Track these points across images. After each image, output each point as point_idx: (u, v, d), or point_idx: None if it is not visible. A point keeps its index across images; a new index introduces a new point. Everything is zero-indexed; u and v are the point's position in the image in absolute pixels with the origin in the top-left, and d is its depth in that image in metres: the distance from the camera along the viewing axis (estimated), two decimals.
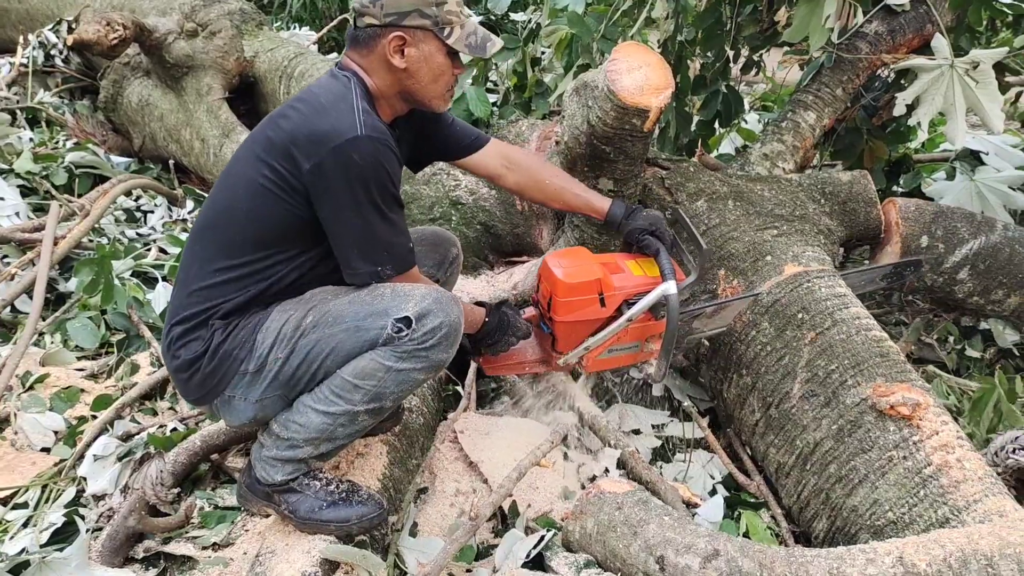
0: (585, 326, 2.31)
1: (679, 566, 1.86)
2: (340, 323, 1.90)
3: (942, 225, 3.15)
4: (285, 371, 1.93)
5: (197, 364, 1.96)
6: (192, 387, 2.00)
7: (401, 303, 1.89)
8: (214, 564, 2.20)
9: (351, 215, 1.89)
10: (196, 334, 1.97)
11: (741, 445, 2.79)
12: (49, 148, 4.93)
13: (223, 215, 2.01)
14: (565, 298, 2.25)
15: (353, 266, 1.96)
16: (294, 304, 1.98)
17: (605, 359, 2.39)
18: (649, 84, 2.51)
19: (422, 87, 2.07)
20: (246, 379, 1.96)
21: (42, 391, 3.01)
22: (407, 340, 1.87)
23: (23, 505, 2.49)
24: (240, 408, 2.00)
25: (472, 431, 2.73)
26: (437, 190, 3.77)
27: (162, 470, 2.38)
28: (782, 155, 3.52)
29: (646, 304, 2.26)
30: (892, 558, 1.76)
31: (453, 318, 1.92)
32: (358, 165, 1.85)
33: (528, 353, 2.45)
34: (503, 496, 2.20)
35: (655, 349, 2.44)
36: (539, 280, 2.37)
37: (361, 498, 2.08)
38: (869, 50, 3.49)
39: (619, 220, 2.44)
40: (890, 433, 2.23)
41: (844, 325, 2.51)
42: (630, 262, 2.40)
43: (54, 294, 3.64)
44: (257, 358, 1.93)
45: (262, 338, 1.94)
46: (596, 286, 2.27)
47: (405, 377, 1.92)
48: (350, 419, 1.96)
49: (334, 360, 1.92)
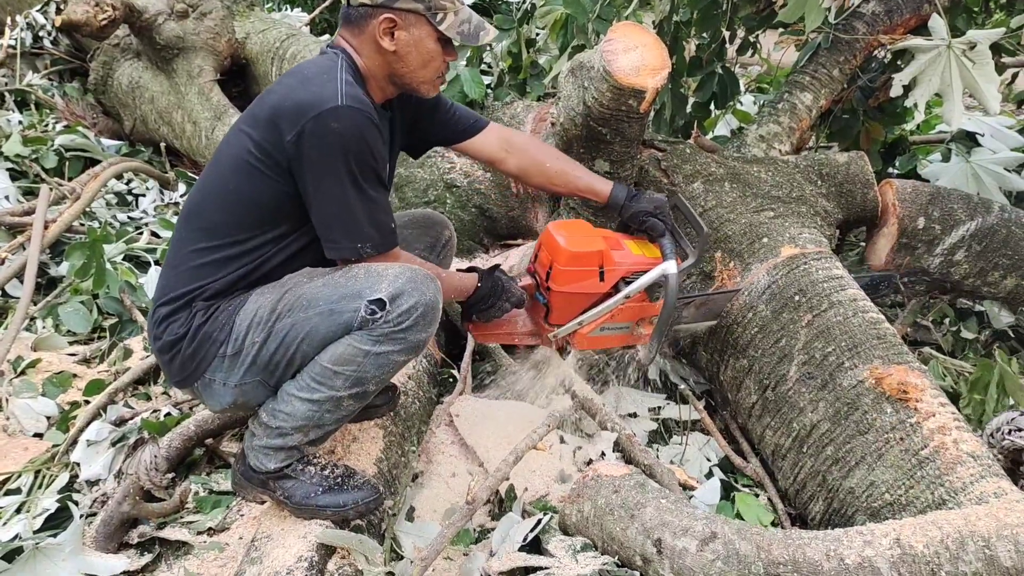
0: (582, 299, 2.30)
1: (676, 549, 1.86)
2: (314, 306, 1.88)
3: (938, 207, 3.14)
4: (262, 355, 1.91)
5: (178, 346, 1.94)
6: (174, 369, 1.99)
7: (375, 284, 1.86)
8: (209, 549, 2.19)
9: (330, 185, 1.86)
10: (179, 316, 1.95)
11: (738, 427, 2.78)
12: (39, 131, 4.89)
13: (210, 196, 2.00)
14: (566, 267, 2.23)
15: (333, 239, 1.93)
16: (271, 288, 1.96)
17: (596, 337, 2.37)
18: (645, 65, 2.49)
19: (411, 72, 2.04)
20: (225, 363, 1.94)
21: (34, 376, 2.99)
22: (382, 322, 1.84)
23: (16, 491, 2.48)
24: (220, 392, 1.99)
25: (468, 415, 2.72)
26: (431, 173, 3.75)
27: (156, 455, 2.36)
28: (778, 137, 3.50)
29: (646, 281, 2.25)
30: (889, 540, 1.76)
31: (429, 297, 1.89)
32: (337, 134, 1.82)
33: (519, 324, 2.43)
34: (500, 480, 2.19)
35: (645, 334, 2.42)
36: (539, 249, 2.34)
37: (357, 483, 2.07)
38: (866, 31, 3.47)
39: (621, 203, 2.42)
40: (887, 415, 2.23)
41: (841, 307, 2.50)
42: (628, 241, 2.39)
43: (45, 278, 3.61)
44: (234, 341, 1.92)
45: (239, 321, 1.92)
46: (598, 258, 2.26)
47: (384, 360, 1.90)
48: (335, 405, 1.94)
49: (310, 344, 1.89)
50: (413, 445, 2.55)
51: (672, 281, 2.23)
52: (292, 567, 1.90)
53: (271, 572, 1.89)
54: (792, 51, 4.27)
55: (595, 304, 2.30)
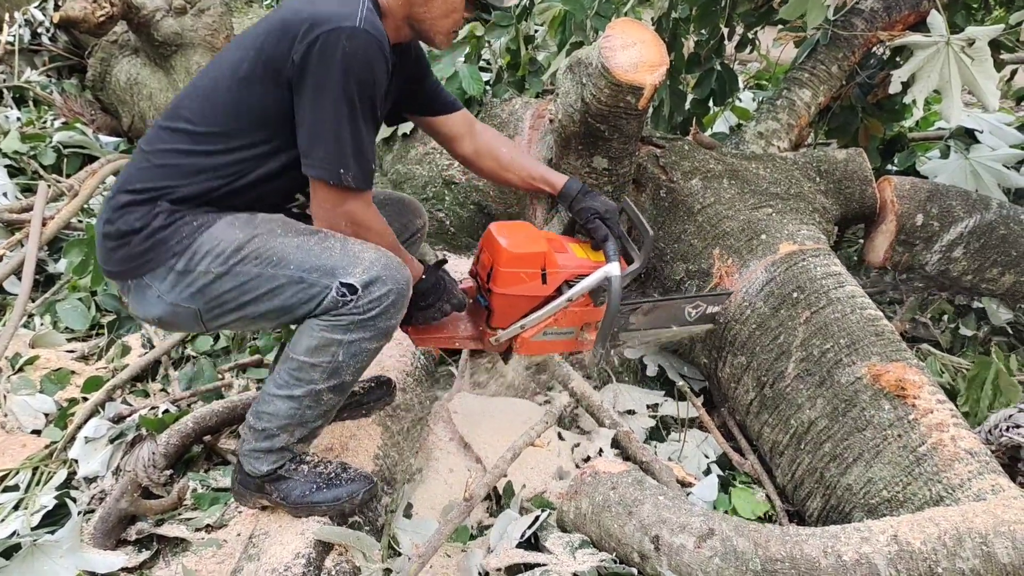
0: (524, 302, 2.24)
1: (674, 545, 1.86)
2: (284, 267, 1.84)
3: (937, 203, 3.14)
4: (212, 289, 1.88)
5: (129, 239, 1.89)
6: (115, 259, 1.93)
7: (349, 266, 1.84)
8: (207, 546, 2.19)
9: (327, 103, 1.81)
10: (139, 209, 1.89)
11: (736, 424, 2.78)
12: (37, 127, 4.89)
13: (198, 99, 1.94)
14: (507, 268, 2.17)
15: (316, 155, 1.86)
16: (243, 223, 1.90)
17: (539, 342, 2.30)
18: (643, 61, 2.49)
19: (431, 18, 2.00)
20: (170, 276, 1.89)
21: (32, 373, 2.99)
22: (352, 308, 1.83)
23: (14, 488, 2.48)
24: (151, 301, 1.93)
25: (466, 411, 2.72)
26: (430, 170, 3.75)
27: (154, 452, 2.36)
28: (777, 133, 3.50)
29: (589, 284, 2.20)
30: (887, 536, 1.76)
31: (401, 285, 1.87)
32: (349, 55, 1.77)
33: (460, 327, 2.36)
34: (497, 476, 2.19)
35: (590, 339, 2.36)
36: (480, 250, 2.28)
37: (350, 476, 2.08)
38: (865, 27, 3.46)
39: (573, 196, 2.36)
40: (885, 412, 2.23)
41: (839, 304, 2.50)
42: (573, 244, 2.33)
43: (43, 275, 3.61)
44: (188, 260, 1.87)
45: (201, 243, 1.86)
46: (540, 260, 2.20)
47: (357, 349, 1.89)
48: (314, 400, 1.93)
49: (267, 304, 1.87)
50: (411, 442, 2.55)
51: (615, 284, 2.17)
52: (290, 564, 1.90)
53: (269, 569, 1.89)
54: (791, 48, 4.26)
55: (538, 307, 2.24)
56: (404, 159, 3.80)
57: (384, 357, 2.71)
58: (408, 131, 3.85)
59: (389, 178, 3.87)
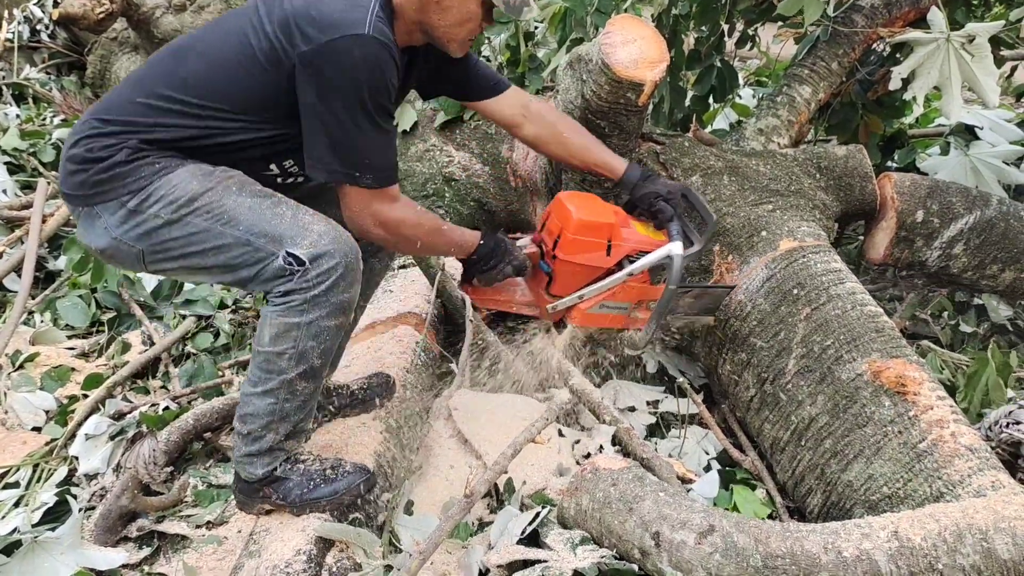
0: (586, 271, 2.26)
1: (675, 542, 1.86)
2: (233, 226, 1.84)
3: (937, 200, 3.14)
4: (159, 234, 1.87)
5: (89, 167, 1.86)
6: (71, 182, 1.91)
7: (298, 236, 1.83)
8: (208, 542, 2.19)
9: (339, 110, 1.80)
10: (108, 140, 1.87)
11: (736, 421, 2.79)
12: (36, 125, 4.89)
13: (201, 52, 1.92)
14: (575, 235, 2.19)
15: (324, 161, 1.86)
16: (202, 175, 1.88)
17: (594, 314, 2.34)
18: (644, 57, 2.49)
19: (445, 26, 1.98)
20: (120, 212, 1.87)
21: (32, 370, 2.99)
22: (301, 282, 1.83)
23: (14, 485, 2.48)
24: (97, 231, 1.92)
25: (466, 408, 2.72)
26: (430, 167, 3.74)
27: (154, 449, 2.36)
28: (777, 130, 3.50)
29: (651, 260, 2.23)
30: (887, 532, 1.76)
31: (350, 258, 1.86)
32: (359, 62, 1.76)
33: (518, 292, 2.38)
34: (498, 473, 2.19)
35: (642, 318, 2.40)
36: (546, 218, 2.30)
37: (347, 469, 2.08)
38: (865, 23, 3.46)
39: (635, 181, 2.38)
40: (885, 408, 2.23)
41: (840, 300, 2.50)
42: (636, 222, 2.36)
43: (43, 272, 3.61)
44: (140, 201, 1.85)
45: (156, 186, 1.85)
46: (607, 231, 2.22)
47: (317, 329, 1.87)
48: (289, 391, 1.93)
49: (212, 260, 1.87)
50: (412, 438, 2.55)
51: (676, 263, 2.21)
52: (290, 560, 1.90)
53: (270, 566, 1.89)
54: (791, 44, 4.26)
55: (598, 279, 2.27)
56: (403, 156, 3.80)
57: (384, 354, 2.71)
58: (408, 128, 3.84)
59: None
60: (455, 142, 3.78)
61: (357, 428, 2.36)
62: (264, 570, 1.89)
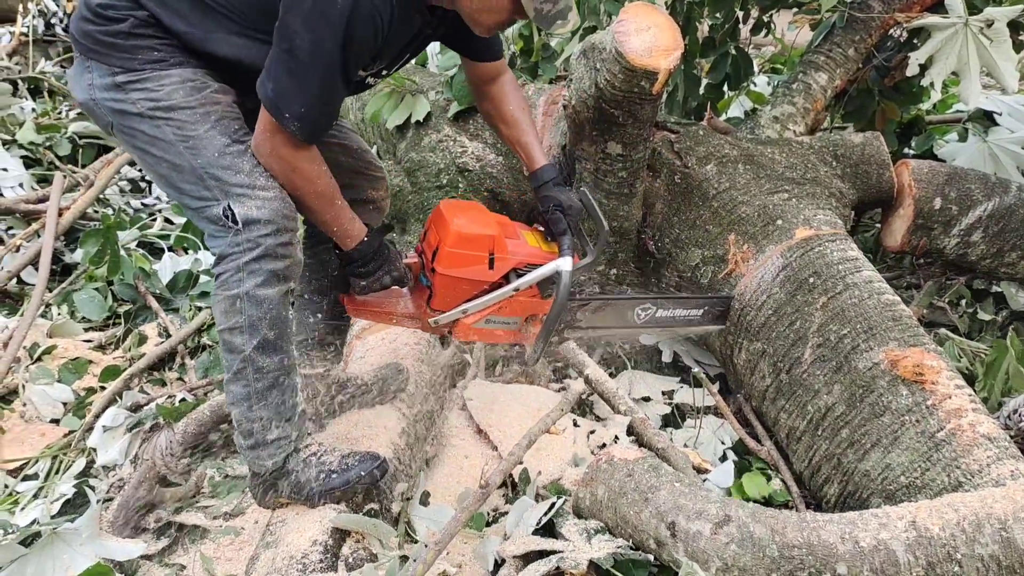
0: (467, 286, 2.16)
1: (690, 532, 1.85)
2: (194, 155, 1.86)
3: (955, 187, 3.10)
4: (131, 119, 1.89)
5: (96, 22, 1.87)
6: (79, 29, 1.91)
7: (244, 195, 1.85)
8: (225, 533, 2.20)
9: (305, 44, 1.75)
10: (121, 2, 1.86)
11: (752, 411, 2.77)
12: (52, 118, 4.91)
13: None
14: (453, 248, 2.08)
15: (269, 86, 1.81)
16: (190, 89, 1.88)
17: (480, 329, 2.23)
18: (658, 45, 2.47)
19: (473, 9, 1.94)
20: (107, 79, 1.88)
21: (50, 363, 3.02)
22: (232, 244, 1.86)
23: (33, 476, 2.51)
24: (83, 84, 1.93)
25: (481, 399, 2.72)
26: (444, 157, 3.74)
27: (172, 440, 2.38)
28: (793, 117, 3.47)
29: (538, 276, 2.15)
30: (905, 522, 1.75)
31: (283, 229, 1.88)
32: (345, 10, 1.72)
33: (400, 304, 2.27)
34: (513, 463, 2.19)
35: (533, 332, 2.30)
36: (428, 228, 2.19)
37: (359, 457, 2.09)
38: (882, 9, 3.43)
39: (542, 181, 2.30)
40: (902, 397, 2.21)
41: (856, 289, 2.48)
42: (526, 232, 2.27)
43: (60, 265, 3.64)
44: (128, 80, 1.87)
45: (148, 77, 1.86)
46: (488, 243, 2.12)
47: (258, 297, 1.88)
48: (255, 371, 1.94)
49: (165, 170, 1.90)
50: (427, 429, 2.55)
51: (565, 279, 2.12)
52: (307, 551, 1.91)
53: (286, 556, 1.91)
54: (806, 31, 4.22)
55: (482, 293, 2.17)
56: (417, 147, 3.79)
57: (399, 344, 2.71)
58: (421, 119, 3.84)
59: (403, 166, 3.87)
60: (468, 132, 3.78)
61: (372, 418, 2.37)
62: (281, 561, 1.90)
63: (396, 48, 2.03)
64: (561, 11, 1.92)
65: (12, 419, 2.74)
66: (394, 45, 1.99)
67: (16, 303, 3.42)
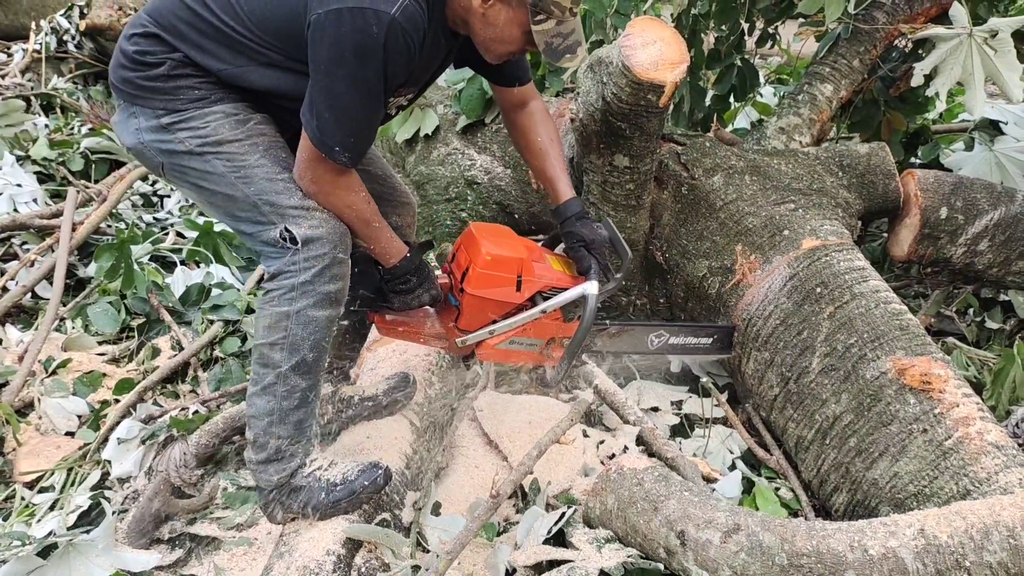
0: (494, 307, 2.21)
1: (700, 541, 1.87)
2: (247, 184, 1.91)
3: (961, 196, 3.11)
4: (181, 158, 1.94)
5: (136, 68, 1.92)
6: (119, 76, 1.96)
7: (300, 216, 1.91)
8: (239, 544, 2.23)
9: (342, 79, 1.80)
10: (156, 47, 1.91)
11: (760, 420, 2.78)
12: (65, 134, 4.96)
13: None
14: (483, 270, 2.14)
15: (310, 117, 1.86)
16: (235, 122, 1.93)
17: (504, 350, 2.28)
18: (664, 59, 2.50)
19: (485, 38, 1.98)
20: (153, 122, 1.94)
21: (65, 376, 3.05)
22: (290, 263, 1.90)
23: (49, 488, 2.53)
24: (130, 129, 1.98)
25: (491, 409, 2.74)
26: (452, 170, 3.77)
27: (185, 452, 2.40)
28: (799, 128, 3.49)
29: (565, 299, 2.19)
30: (913, 530, 1.76)
31: (340, 250, 1.94)
32: (377, 40, 1.76)
33: (427, 323, 2.31)
34: (524, 473, 2.20)
35: (555, 356, 2.34)
36: (457, 248, 2.25)
37: (361, 468, 2.11)
38: (886, 20, 3.45)
39: (566, 217, 2.33)
40: (910, 406, 2.22)
41: (863, 299, 2.50)
42: (551, 256, 2.32)
43: (74, 280, 3.67)
44: (173, 120, 1.92)
45: (192, 115, 1.92)
46: (517, 266, 2.18)
47: (306, 318, 1.93)
48: (286, 387, 1.97)
49: (220, 203, 1.96)
50: (438, 440, 2.57)
51: (590, 303, 2.16)
52: (320, 561, 1.93)
53: (299, 566, 1.92)
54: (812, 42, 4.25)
55: (508, 315, 2.23)
56: (426, 160, 3.83)
57: (409, 356, 2.74)
58: (430, 132, 3.87)
59: (412, 179, 3.90)
60: (477, 145, 3.81)
61: (383, 429, 2.39)
62: (294, 571, 1.92)
63: (428, 72, 2.11)
64: (570, 46, 1.97)
65: (28, 432, 2.77)
66: (426, 68, 2.05)
67: (31, 317, 3.46)
